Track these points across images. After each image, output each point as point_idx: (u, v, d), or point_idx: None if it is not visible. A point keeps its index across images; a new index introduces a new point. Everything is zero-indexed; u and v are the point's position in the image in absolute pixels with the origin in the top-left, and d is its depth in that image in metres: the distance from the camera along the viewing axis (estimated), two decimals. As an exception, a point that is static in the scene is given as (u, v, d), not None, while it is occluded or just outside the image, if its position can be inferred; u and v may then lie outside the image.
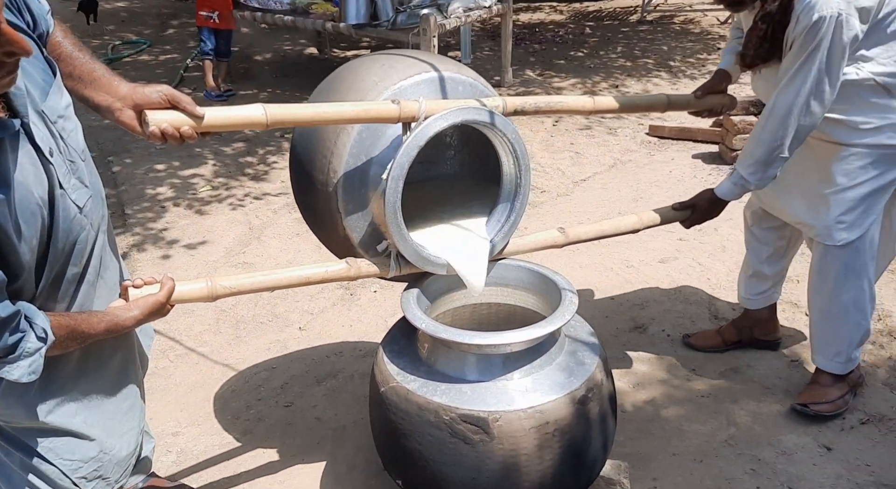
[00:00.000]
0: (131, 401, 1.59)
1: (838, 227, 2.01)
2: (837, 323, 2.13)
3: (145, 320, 1.43)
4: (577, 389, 1.68)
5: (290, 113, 1.50)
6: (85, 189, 1.31)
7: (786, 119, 1.84)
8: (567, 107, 1.88)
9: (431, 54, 1.91)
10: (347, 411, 2.36)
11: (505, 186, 1.81)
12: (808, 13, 1.72)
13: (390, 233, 1.65)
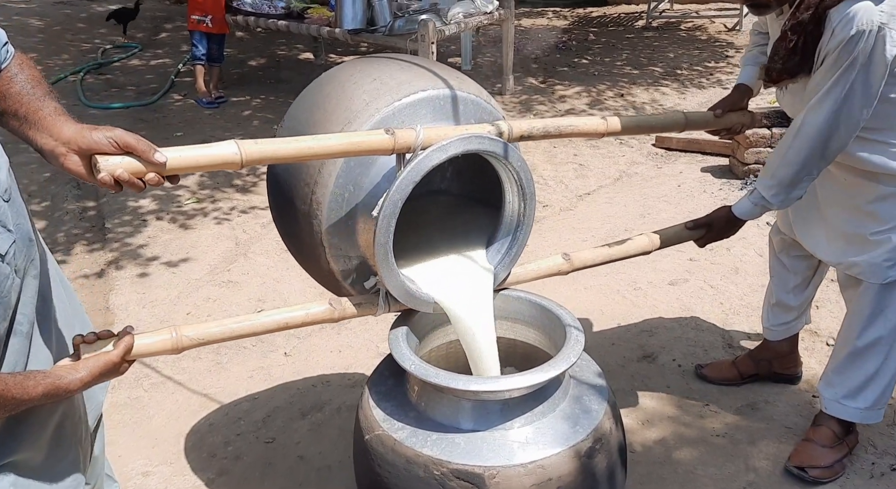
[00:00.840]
0: (69, 461, 1.41)
1: (885, 264, 1.83)
2: (886, 364, 1.92)
3: (95, 382, 1.25)
4: (582, 441, 1.50)
5: (269, 149, 1.31)
6: (7, 233, 1.12)
7: (815, 139, 1.67)
8: (578, 130, 1.70)
9: (428, 62, 1.73)
10: (333, 449, 2.18)
11: (507, 216, 1.64)
12: (845, 26, 1.55)
13: (380, 273, 1.48)
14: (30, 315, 1.23)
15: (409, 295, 1.55)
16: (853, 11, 1.54)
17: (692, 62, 6.20)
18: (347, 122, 1.48)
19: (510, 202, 1.63)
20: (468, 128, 1.49)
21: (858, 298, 1.94)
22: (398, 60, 1.67)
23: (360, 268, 1.62)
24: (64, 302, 1.44)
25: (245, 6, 5.23)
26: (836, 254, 1.94)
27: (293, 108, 1.65)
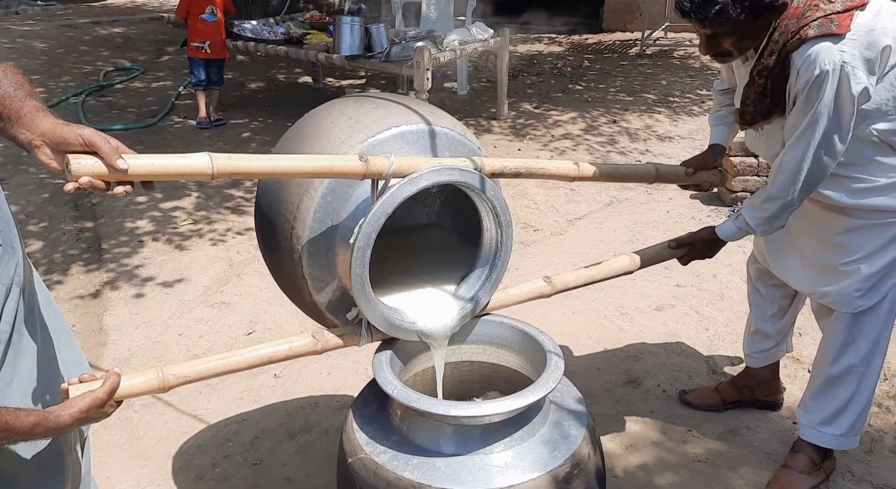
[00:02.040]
0: (55, 481, 1.44)
1: (855, 295, 1.88)
2: (859, 391, 1.97)
3: (83, 419, 1.28)
4: (560, 466, 1.53)
5: (241, 164, 1.32)
6: None
7: (796, 175, 1.73)
8: (549, 173, 1.75)
9: (406, 99, 1.77)
10: (320, 472, 2.21)
11: (485, 244, 1.69)
12: (808, 67, 1.61)
13: (359, 304, 1.52)
14: (10, 322, 1.27)
15: (390, 324, 1.59)
16: (814, 53, 1.60)
17: (684, 90, 6.31)
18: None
19: (488, 229, 1.67)
20: (442, 161, 1.53)
21: (831, 327, 1.99)
22: (374, 99, 1.71)
23: (342, 299, 1.66)
24: (50, 317, 1.49)
25: (246, 32, 5.33)
26: (808, 284, 1.99)
27: (278, 148, 1.71)
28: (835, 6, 1.61)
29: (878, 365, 1.98)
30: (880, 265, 1.84)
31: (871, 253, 1.84)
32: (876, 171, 1.77)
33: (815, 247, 1.95)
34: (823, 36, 1.60)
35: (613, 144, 4.99)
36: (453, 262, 1.78)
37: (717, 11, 1.58)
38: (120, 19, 8.23)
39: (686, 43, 7.96)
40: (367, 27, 4.87)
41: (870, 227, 1.83)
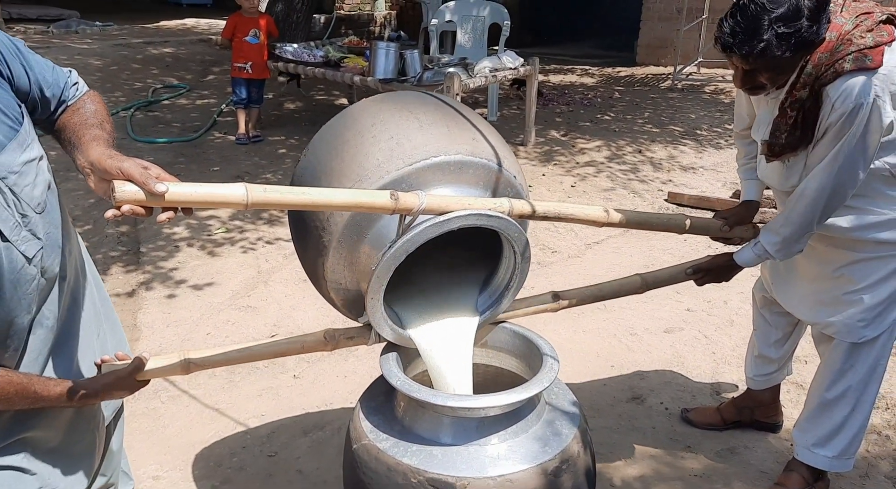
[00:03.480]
0: (85, 445, 1.59)
1: (859, 325, 1.93)
2: (852, 416, 2.02)
3: (108, 391, 1.45)
4: (550, 460, 1.62)
5: (275, 197, 1.38)
6: (36, 241, 1.32)
7: (818, 202, 1.78)
8: (577, 217, 1.77)
9: (452, 116, 1.72)
10: (330, 465, 2.33)
11: (502, 271, 1.77)
12: (844, 100, 1.65)
13: (371, 320, 1.65)
14: (55, 312, 1.43)
15: (396, 336, 1.71)
16: (850, 86, 1.64)
17: (713, 123, 6.38)
18: (359, 179, 1.57)
19: (507, 257, 1.74)
20: (471, 204, 1.55)
21: (830, 353, 2.04)
22: (419, 116, 1.67)
23: (355, 301, 1.79)
24: (97, 306, 1.65)
25: (287, 54, 5.59)
26: (813, 315, 2.04)
27: (316, 141, 1.76)
28: (866, 41, 1.64)
29: (873, 391, 2.03)
30: (883, 296, 1.90)
31: (873, 283, 1.90)
32: (884, 204, 1.83)
33: (819, 279, 1.99)
34: (859, 70, 1.63)
35: (636, 172, 5.09)
36: (468, 272, 1.89)
37: (761, 49, 1.60)
38: (171, 40, 8.64)
39: (718, 78, 8.04)
40: (401, 53, 5.09)
41: (873, 259, 1.89)
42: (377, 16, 10.31)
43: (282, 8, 7.43)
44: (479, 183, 1.66)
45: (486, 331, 1.92)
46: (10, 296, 1.29)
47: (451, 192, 1.61)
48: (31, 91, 1.36)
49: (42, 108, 1.39)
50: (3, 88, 1.28)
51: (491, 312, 1.84)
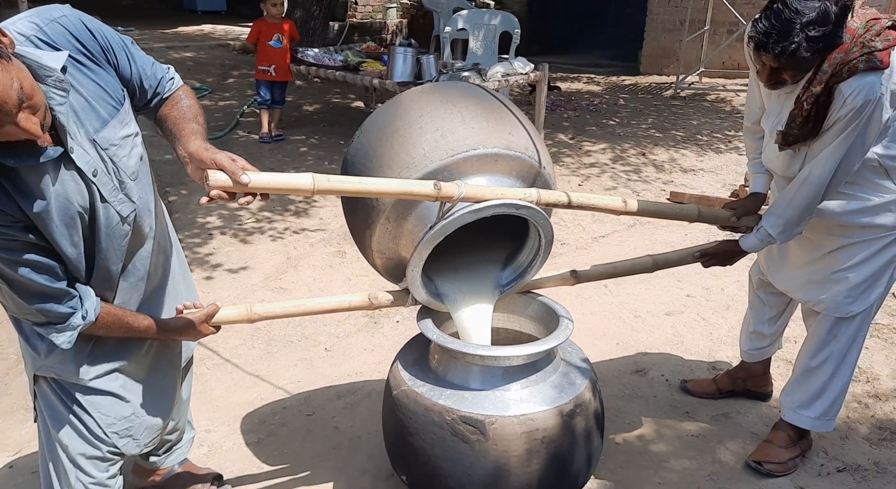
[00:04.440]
0: (166, 383, 1.87)
1: (846, 301, 2.16)
2: (833, 380, 2.26)
3: (186, 331, 1.73)
4: (565, 404, 1.88)
5: (337, 185, 1.63)
6: (130, 203, 1.58)
7: (819, 187, 1.98)
8: (598, 206, 1.98)
9: (493, 109, 1.91)
10: (363, 423, 2.58)
11: (527, 249, 2.01)
12: (856, 97, 1.82)
13: (410, 287, 1.90)
14: (146, 265, 1.71)
15: (430, 301, 1.97)
16: (862, 85, 1.82)
17: (713, 130, 6.65)
18: (406, 166, 1.78)
19: (533, 239, 1.99)
20: (504, 193, 1.77)
21: (817, 325, 2.29)
22: (461, 111, 1.84)
23: (396, 269, 2.04)
24: (176, 264, 1.93)
25: (308, 58, 5.88)
26: (805, 294, 2.27)
27: (368, 125, 1.98)
28: (877, 44, 1.82)
29: (852, 359, 2.28)
30: (867, 274, 2.14)
31: (858, 263, 2.13)
32: (870, 191, 2.05)
33: (810, 262, 2.23)
34: (870, 70, 1.81)
35: (638, 173, 5.36)
36: (492, 248, 2.13)
37: (792, 50, 1.76)
38: (191, 45, 8.94)
39: (719, 88, 8.32)
40: (418, 57, 5.36)
41: (858, 242, 2.12)
42: (389, 23, 10.62)
43: (300, 15, 7.74)
44: (513, 172, 1.87)
45: (510, 299, 2.17)
46: (105, 247, 1.56)
47: (486, 181, 1.83)
48: (132, 79, 1.61)
49: (140, 96, 1.64)
50: (110, 74, 1.54)
51: (513, 286, 2.10)
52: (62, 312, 1.51)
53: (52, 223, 1.43)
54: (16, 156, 1.34)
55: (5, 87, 1.21)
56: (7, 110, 1.23)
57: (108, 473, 1.75)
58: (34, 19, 1.44)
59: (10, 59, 1.24)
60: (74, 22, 1.47)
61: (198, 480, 2.23)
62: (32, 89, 1.28)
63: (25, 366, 1.73)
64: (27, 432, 2.55)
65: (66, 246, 1.48)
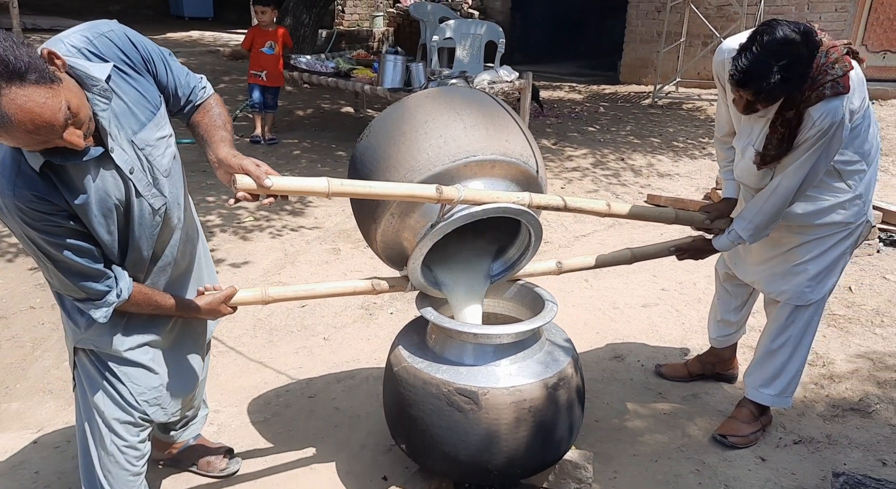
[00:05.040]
0: (191, 360, 2.07)
1: (806, 291, 2.41)
2: (790, 361, 2.50)
3: (206, 310, 1.92)
4: (550, 377, 2.10)
5: (349, 188, 1.82)
6: (161, 197, 1.78)
7: (787, 197, 2.22)
8: (584, 209, 2.19)
9: (493, 117, 2.06)
10: (362, 404, 2.78)
11: (518, 244, 2.22)
12: (823, 119, 2.03)
13: (410, 276, 2.10)
14: (173, 253, 1.91)
15: (428, 288, 2.17)
16: (828, 110, 2.02)
17: (688, 137, 6.95)
18: (411, 169, 1.95)
19: (523, 236, 2.20)
20: (499, 197, 1.95)
21: (777, 312, 2.54)
22: (464, 118, 2.00)
23: (398, 258, 2.25)
24: (201, 251, 2.13)
25: (301, 64, 6.08)
26: (768, 285, 2.51)
27: (376, 126, 2.14)
28: (837, 71, 2.02)
29: (807, 342, 2.52)
30: (823, 266, 2.39)
31: (815, 256, 2.38)
32: (828, 193, 2.29)
33: (772, 257, 2.47)
34: (835, 95, 2.01)
35: (617, 177, 5.62)
36: (484, 241, 2.33)
37: (767, 90, 1.96)
38: (181, 51, 9.08)
39: (694, 97, 8.64)
40: (407, 65, 5.60)
41: (815, 239, 2.37)
42: (376, 32, 10.84)
43: (290, 23, 7.93)
44: (508, 176, 2.07)
45: (500, 287, 2.39)
46: (138, 236, 1.77)
47: (483, 185, 2.02)
48: (168, 87, 1.80)
49: (174, 102, 1.83)
50: (149, 82, 1.74)
51: (503, 276, 2.31)
52: (99, 290, 1.71)
53: (91, 213, 1.63)
54: (62, 155, 1.53)
55: (54, 111, 1.40)
56: (55, 130, 1.42)
57: (138, 438, 1.94)
58: (86, 33, 1.63)
59: (60, 82, 1.43)
60: (120, 36, 1.67)
61: (211, 453, 2.42)
62: (78, 106, 1.47)
63: (66, 340, 1.92)
64: (47, 412, 2.72)
65: (102, 233, 1.68)
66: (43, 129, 1.41)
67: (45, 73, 1.39)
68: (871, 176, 2.30)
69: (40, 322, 3.32)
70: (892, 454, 2.45)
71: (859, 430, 2.59)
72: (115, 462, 1.91)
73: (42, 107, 1.38)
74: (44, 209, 1.57)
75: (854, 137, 2.19)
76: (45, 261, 1.67)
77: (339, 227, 4.47)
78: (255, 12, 5.87)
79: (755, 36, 1.99)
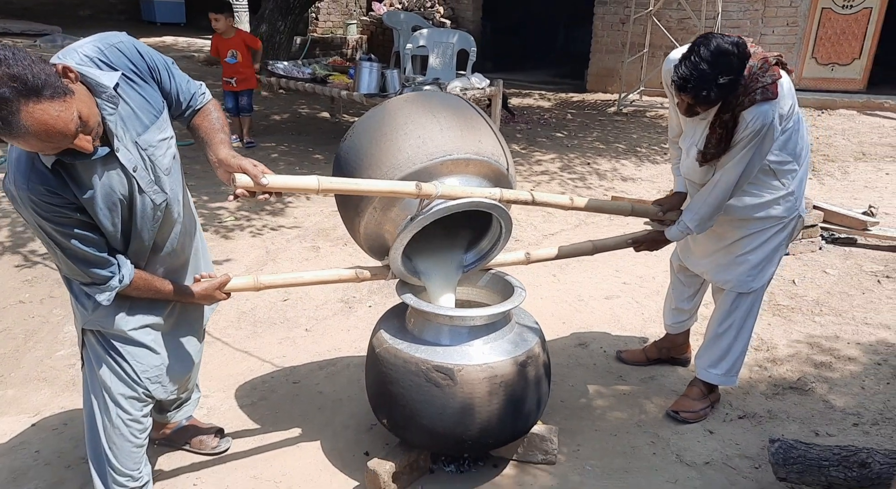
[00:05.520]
0: (188, 344, 2.25)
1: (748, 279, 2.66)
2: (735, 343, 2.75)
3: (201, 295, 2.10)
4: (519, 355, 2.31)
5: (337, 186, 2.03)
6: (162, 193, 1.95)
7: (727, 190, 2.47)
8: (549, 203, 2.45)
9: (466, 120, 2.24)
10: (344, 389, 2.97)
11: (490, 235, 2.43)
12: (755, 121, 2.28)
13: (392, 265, 2.30)
14: (173, 243, 2.08)
15: (408, 276, 2.37)
16: (759, 112, 2.27)
17: (651, 143, 7.27)
18: (392, 166, 2.12)
19: (494, 229, 2.40)
20: (473, 192, 2.15)
21: (722, 299, 2.79)
22: (439, 120, 2.18)
23: (380, 249, 2.44)
24: (199, 243, 2.31)
25: (279, 70, 6.25)
26: (714, 275, 2.77)
27: (359, 127, 2.32)
28: (766, 80, 2.27)
29: (750, 326, 2.78)
30: (763, 256, 2.64)
31: (755, 248, 2.64)
32: (764, 189, 2.55)
33: (718, 250, 2.72)
34: (765, 100, 2.27)
35: (583, 180, 5.89)
36: (461, 239, 2.53)
37: (705, 95, 2.22)
38: (155, 54, 9.19)
39: (657, 105, 8.99)
40: (382, 71, 5.80)
41: (755, 233, 2.64)
42: (349, 39, 11.03)
43: (266, 30, 8.09)
44: (480, 174, 2.27)
45: (474, 275, 2.60)
46: (140, 228, 1.94)
47: (458, 181, 2.21)
48: (171, 93, 1.98)
49: (175, 106, 2.00)
50: (153, 88, 1.92)
51: (476, 265, 2.53)
52: (104, 275, 1.88)
53: (97, 206, 1.80)
54: (72, 155, 1.70)
55: (66, 122, 1.57)
56: (67, 138, 1.60)
57: (141, 412, 2.10)
58: (98, 44, 1.80)
59: (72, 94, 1.59)
60: (129, 46, 1.84)
61: (202, 432, 2.58)
62: (88, 114, 1.64)
63: (75, 322, 2.08)
64: (42, 398, 2.85)
65: (107, 225, 1.85)
66: (56, 138, 1.58)
67: (59, 88, 1.56)
68: (802, 174, 2.57)
69: (30, 315, 3.44)
70: (825, 426, 2.72)
71: (797, 406, 2.86)
72: (120, 434, 2.07)
73: (56, 119, 1.55)
74: (54, 202, 1.74)
75: (786, 140, 2.46)
76: (55, 248, 1.84)
77: (318, 226, 4.64)
78: (210, 20, 5.98)
79: (694, 47, 2.25)
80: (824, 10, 8.40)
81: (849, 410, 2.81)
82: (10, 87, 1.49)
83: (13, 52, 1.53)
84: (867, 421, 2.74)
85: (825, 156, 6.60)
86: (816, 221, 4.42)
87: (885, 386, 2.97)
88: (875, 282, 3.96)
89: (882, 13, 8.18)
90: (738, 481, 2.43)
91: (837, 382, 3.02)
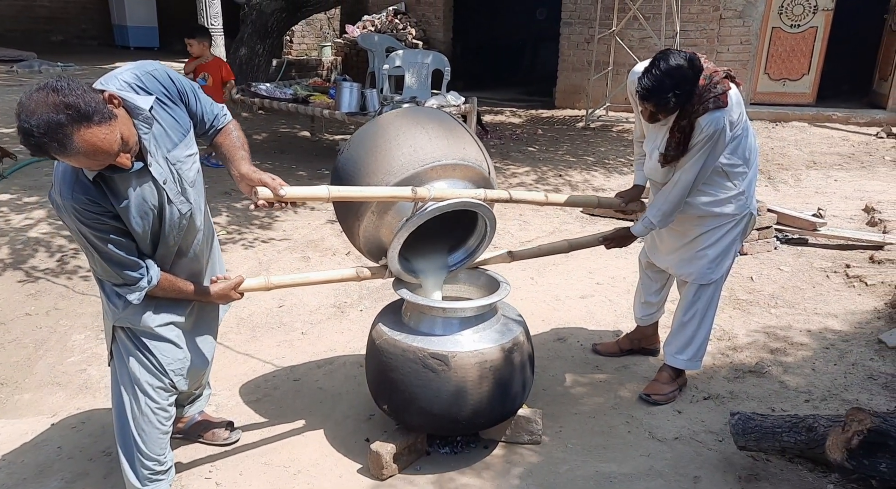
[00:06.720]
0: (206, 341, 2.46)
1: (708, 271, 2.96)
2: (698, 331, 3.05)
3: (218, 295, 2.32)
4: (506, 343, 2.57)
5: (346, 193, 2.31)
6: (187, 204, 2.18)
7: (686, 188, 2.77)
8: (527, 200, 2.80)
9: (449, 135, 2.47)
10: (342, 384, 3.19)
11: (476, 234, 2.69)
12: (709, 126, 2.59)
13: (389, 264, 2.55)
14: (195, 249, 2.31)
15: (404, 274, 2.62)
16: (712, 119, 2.58)
17: (618, 155, 7.64)
18: (387, 173, 2.37)
19: (480, 227, 2.66)
20: (461, 193, 2.41)
21: (686, 291, 3.10)
22: (428, 131, 2.43)
23: (377, 250, 2.69)
24: (215, 250, 2.53)
25: (261, 91, 6.48)
26: (677, 268, 3.07)
27: (355, 140, 2.56)
28: (718, 90, 2.59)
29: (711, 315, 3.07)
30: (720, 250, 2.94)
31: (713, 243, 2.94)
32: (717, 188, 2.86)
33: (680, 247, 3.02)
34: (717, 108, 2.58)
35: (557, 191, 6.20)
36: (449, 239, 2.79)
37: (664, 104, 2.55)
38: (133, 77, 9.34)
39: (623, 120, 9.40)
40: (362, 91, 6.07)
41: (712, 229, 2.95)
42: (324, 60, 11.30)
43: (245, 53, 8.32)
44: (466, 177, 2.54)
45: (463, 273, 2.85)
46: (167, 234, 2.17)
47: (447, 185, 2.47)
48: (197, 114, 2.22)
49: (200, 126, 2.24)
50: (182, 110, 2.16)
51: (464, 262, 2.78)
52: (134, 276, 2.11)
53: (130, 215, 2.03)
54: (111, 168, 1.93)
55: (111, 143, 1.81)
56: (111, 157, 1.84)
57: (167, 401, 2.31)
58: (135, 71, 2.04)
59: (116, 118, 1.83)
60: (162, 74, 2.09)
61: (214, 426, 2.78)
62: (129, 135, 1.88)
63: (105, 320, 2.28)
64: (58, 400, 3.03)
65: (138, 231, 2.08)
66: (102, 157, 1.82)
67: (106, 114, 1.80)
68: (751, 176, 2.89)
69: (38, 326, 3.60)
70: (780, 403, 3.02)
71: (755, 387, 3.16)
72: (148, 421, 2.27)
73: (102, 141, 1.79)
74: (94, 210, 1.97)
75: (736, 145, 2.78)
76: (92, 251, 2.06)
77: (307, 238, 4.87)
78: (186, 44, 6.12)
79: (654, 61, 2.58)
80: (774, 30, 8.92)
81: (801, 389, 3.12)
82: (66, 114, 1.73)
83: (68, 83, 1.77)
84: (817, 397, 3.05)
85: (779, 165, 7.03)
86: (771, 223, 4.78)
87: (833, 366, 3.29)
88: (824, 278, 4.32)
89: (827, 31, 8.72)
90: (703, 453, 2.70)
91: (791, 365, 3.33)
